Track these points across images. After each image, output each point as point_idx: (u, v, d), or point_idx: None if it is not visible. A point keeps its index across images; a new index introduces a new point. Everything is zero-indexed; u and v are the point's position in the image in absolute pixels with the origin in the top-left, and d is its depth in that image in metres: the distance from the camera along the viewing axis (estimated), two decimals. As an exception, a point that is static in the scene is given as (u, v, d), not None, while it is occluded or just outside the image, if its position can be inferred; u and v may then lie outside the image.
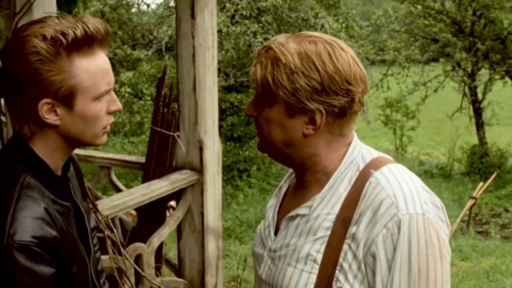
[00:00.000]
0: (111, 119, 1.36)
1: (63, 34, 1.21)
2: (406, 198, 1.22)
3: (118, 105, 1.35)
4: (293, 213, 1.35)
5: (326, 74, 1.24)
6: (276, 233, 1.41)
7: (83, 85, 1.25)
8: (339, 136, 1.32)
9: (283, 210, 1.43)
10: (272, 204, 1.48)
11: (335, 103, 1.26)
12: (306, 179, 1.37)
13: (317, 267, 1.27)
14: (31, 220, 1.20)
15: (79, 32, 1.22)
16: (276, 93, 1.26)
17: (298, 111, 1.27)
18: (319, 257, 1.27)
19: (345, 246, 1.24)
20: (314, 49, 1.25)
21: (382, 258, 1.21)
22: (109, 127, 1.37)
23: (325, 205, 1.30)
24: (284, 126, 1.29)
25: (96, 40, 1.26)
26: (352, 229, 1.24)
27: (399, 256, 1.19)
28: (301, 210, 1.34)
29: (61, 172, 1.38)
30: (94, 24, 1.25)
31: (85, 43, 1.24)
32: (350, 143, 1.34)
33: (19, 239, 1.16)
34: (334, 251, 1.25)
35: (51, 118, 1.26)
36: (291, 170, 1.49)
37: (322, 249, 1.27)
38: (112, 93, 1.34)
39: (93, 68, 1.26)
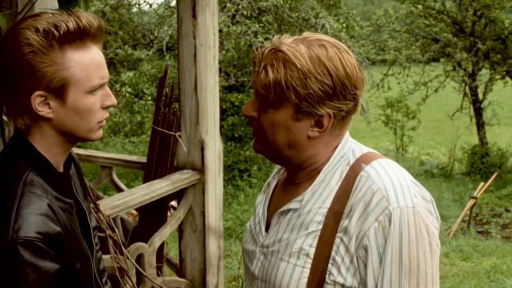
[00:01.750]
0: (106, 114, 1.36)
1: (56, 26, 1.23)
2: (397, 192, 1.24)
3: (112, 100, 1.35)
4: (284, 208, 1.36)
5: (338, 79, 1.24)
6: (267, 229, 1.42)
7: (75, 77, 1.26)
8: (338, 136, 1.34)
9: (273, 206, 1.44)
10: (261, 200, 1.48)
11: (344, 107, 1.28)
12: (299, 176, 1.38)
13: (310, 261, 1.28)
14: (35, 216, 1.21)
15: (71, 25, 1.23)
16: (288, 96, 1.25)
17: (307, 114, 1.27)
18: (312, 251, 1.28)
19: (337, 240, 1.26)
20: (325, 53, 1.25)
21: (373, 251, 1.22)
22: (104, 122, 1.37)
23: (317, 199, 1.32)
24: (289, 129, 1.29)
25: (89, 34, 1.27)
26: (344, 222, 1.26)
27: (390, 249, 1.21)
28: (293, 205, 1.35)
29: (63, 169, 1.39)
30: (87, 18, 1.26)
31: (78, 36, 1.25)
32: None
33: (23, 235, 1.18)
34: (327, 245, 1.26)
35: (44, 111, 1.27)
36: (279, 166, 1.50)
37: (315, 243, 1.28)
38: (107, 88, 1.35)
39: (86, 61, 1.27)
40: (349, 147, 1.35)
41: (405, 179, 1.27)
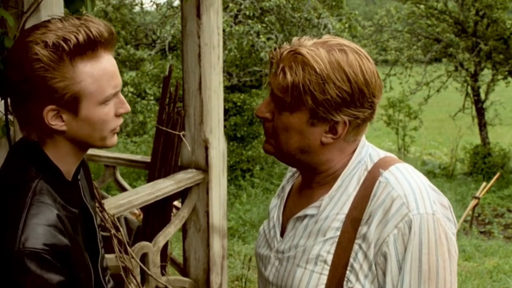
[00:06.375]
0: (119, 121, 1.33)
1: (65, 40, 1.19)
2: (417, 198, 1.23)
3: (126, 107, 1.32)
4: (301, 213, 1.34)
5: (357, 86, 1.22)
6: (282, 233, 1.40)
7: (87, 90, 1.23)
8: (353, 142, 1.32)
9: (288, 211, 1.42)
10: (276, 204, 1.46)
11: (360, 115, 1.26)
12: (315, 181, 1.36)
13: (327, 268, 1.26)
14: (43, 227, 1.19)
15: (81, 37, 1.20)
16: (304, 100, 1.23)
17: (322, 120, 1.25)
18: (330, 258, 1.26)
19: (355, 247, 1.24)
20: (345, 59, 1.22)
21: (393, 258, 1.21)
22: (118, 128, 1.35)
23: (334, 205, 1.30)
24: (303, 134, 1.27)
25: (100, 43, 1.23)
26: (363, 229, 1.24)
27: (410, 256, 1.20)
28: (310, 211, 1.33)
29: (72, 176, 1.36)
30: (97, 27, 1.23)
31: (89, 47, 1.22)
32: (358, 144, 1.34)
33: (31, 246, 1.16)
34: (345, 251, 1.25)
35: (57, 124, 1.25)
36: (294, 169, 1.48)
37: (332, 250, 1.26)
38: (120, 95, 1.32)
39: (98, 72, 1.24)
40: (366, 151, 1.33)
41: (424, 185, 1.26)
